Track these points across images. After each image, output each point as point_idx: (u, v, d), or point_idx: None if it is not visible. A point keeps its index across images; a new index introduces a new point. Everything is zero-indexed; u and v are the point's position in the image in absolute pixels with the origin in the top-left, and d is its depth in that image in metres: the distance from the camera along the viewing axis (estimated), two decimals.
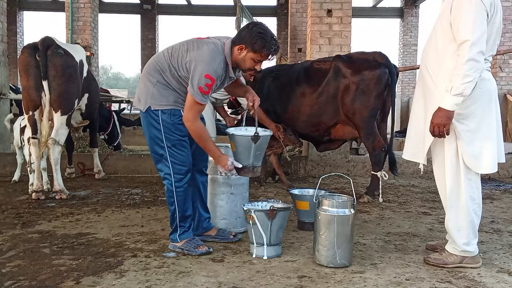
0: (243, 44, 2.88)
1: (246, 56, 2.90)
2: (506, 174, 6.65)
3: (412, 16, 16.32)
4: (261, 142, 3.02)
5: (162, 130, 2.94)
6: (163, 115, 2.93)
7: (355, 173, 6.65)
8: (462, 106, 2.65)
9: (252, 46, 2.85)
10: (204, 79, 2.80)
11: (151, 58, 3.13)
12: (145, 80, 3.01)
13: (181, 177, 3.01)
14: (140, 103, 3.01)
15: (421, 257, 2.99)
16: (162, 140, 2.95)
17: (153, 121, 2.95)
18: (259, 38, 2.84)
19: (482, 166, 2.73)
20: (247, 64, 2.95)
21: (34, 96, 4.73)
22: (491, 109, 2.76)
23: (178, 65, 2.91)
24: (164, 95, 2.95)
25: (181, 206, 3.04)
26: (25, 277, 2.58)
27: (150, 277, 2.61)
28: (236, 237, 3.31)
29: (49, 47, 4.73)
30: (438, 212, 4.35)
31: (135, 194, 5.14)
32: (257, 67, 3.00)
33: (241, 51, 2.90)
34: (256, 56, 2.89)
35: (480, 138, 2.72)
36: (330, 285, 2.53)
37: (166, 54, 2.99)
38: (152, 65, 3.02)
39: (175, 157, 2.98)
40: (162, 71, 2.96)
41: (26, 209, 4.32)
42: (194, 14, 17.93)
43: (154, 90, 2.95)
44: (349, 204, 2.86)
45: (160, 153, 3.00)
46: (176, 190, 3.01)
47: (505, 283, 2.59)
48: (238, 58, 2.93)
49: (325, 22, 6.70)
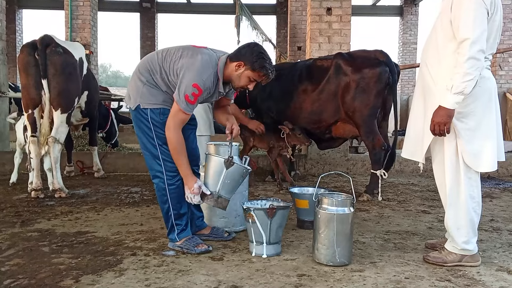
0: (242, 61, 2.89)
1: (243, 74, 2.91)
2: (505, 173, 6.66)
3: (412, 15, 16.33)
4: (234, 171, 2.94)
5: (152, 128, 2.94)
6: (152, 114, 2.93)
7: (355, 172, 6.65)
8: (462, 104, 2.65)
9: (252, 65, 2.87)
10: (191, 87, 2.79)
11: (145, 57, 3.11)
12: (135, 79, 3.01)
13: (173, 175, 3.00)
14: (130, 100, 3.01)
15: (421, 256, 2.99)
16: (153, 138, 2.96)
17: (143, 119, 2.95)
18: (260, 58, 2.87)
19: (482, 165, 2.73)
20: (242, 82, 2.95)
21: (33, 94, 4.72)
22: (491, 107, 2.75)
23: (169, 70, 2.91)
24: (153, 94, 2.95)
25: (174, 204, 3.03)
26: (24, 276, 2.58)
27: (150, 275, 2.61)
28: (230, 236, 3.31)
29: (48, 45, 4.72)
30: (438, 210, 4.35)
31: (134, 192, 5.14)
32: (250, 86, 3.00)
33: (238, 68, 2.91)
34: (253, 75, 2.91)
35: (480, 136, 2.72)
36: (329, 283, 2.52)
37: (159, 56, 2.97)
38: (144, 65, 3.01)
39: (166, 155, 2.96)
40: (153, 72, 2.95)
41: (25, 207, 4.31)
42: (193, 12, 17.93)
43: (144, 89, 2.95)
44: (349, 203, 2.86)
45: (151, 151, 2.99)
46: (169, 188, 3.00)
47: (504, 281, 2.59)
48: (233, 74, 2.93)
49: (325, 20, 6.70)
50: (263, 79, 2.95)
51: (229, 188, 2.99)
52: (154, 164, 3.01)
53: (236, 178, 3.00)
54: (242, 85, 2.99)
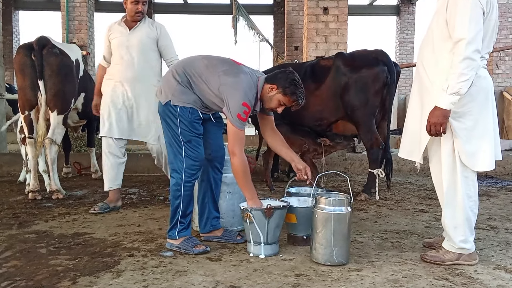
0: (275, 84, 3.03)
1: (274, 96, 3.04)
2: (503, 171, 6.68)
3: (409, 14, 16.33)
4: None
5: (179, 125, 3.01)
6: (182, 111, 3.01)
7: (352, 171, 6.66)
8: (459, 104, 2.65)
9: (284, 90, 3.01)
10: (242, 106, 2.92)
11: (184, 59, 3.22)
12: (169, 76, 3.11)
13: (192, 173, 3.06)
14: (161, 95, 3.09)
15: (418, 255, 2.99)
16: (178, 135, 3.02)
17: (171, 115, 3.02)
18: (292, 85, 3.01)
19: (479, 164, 2.73)
20: (273, 104, 3.08)
21: (30, 95, 4.71)
22: (488, 107, 2.76)
23: (210, 81, 3.01)
24: (185, 93, 3.03)
25: (185, 202, 3.07)
26: (22, 278, 2.57)
27: (147, 276, 2.61)
28: (242, 239, 3.28)
29: (44, 46, 4.71)
30: (435, 209, 4.36)
31: (132, 193, 5.13)
32: (279, 110, 3.12)
33: (271, 90, 3.04)
34: (284, 99, 3.04)
35: (477, 136, 2.72)
36: (327, 283, 2.52)
37: (201, 65, 3.06)
38: (182, 67, 3.09)
39: (189, 152, 3.03)
40: (190, 76, 3.04)
41: (22, 209, 4.30)
42: (190, 13, 17.86)
43: (178, 87, 3.03)
44: (346, 202, 2.86)
45: (175, 147, 3.05)
46: (184, 185, 3.04)
47: (501, 280, 2.59)
48: (266, 96, 3.07)
49: (322, 20, 6.71)
50: (292, 105, 3.06)
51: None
52: (176, 160, 3.06)
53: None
54: (272, 107, 3.11)
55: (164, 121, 3.10)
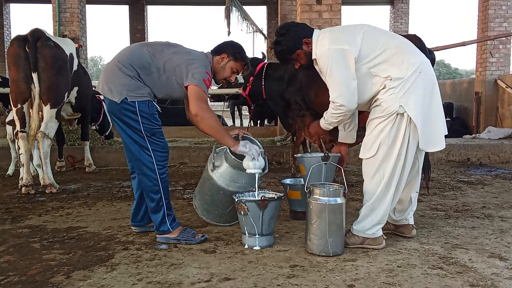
0: (225, 53, 3.17)
1: (226, 65, 3.19)
2: (497, 160, 6.67)
3: (403, 3, 16.24)
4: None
5: (140, 121, 2.95)
6: (141, 106, 2.94)
7: (347, 161, 6.63)
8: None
9: (234, 55, 3.18)
10: (205, 74, 3.00)
11: (126, 51, 3.09)
12: (117, 71, 2.97)
13: (163, 164, 3.06)
14: (113, 93, 2.95)
15: (413, 244, 3.01)
16: (141, 130, 2.96)
17: (129, 112, 2.94)
18: (241, 50, 3.22)
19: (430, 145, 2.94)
20: (226, 73, 3.21)
21: (23, 88, 4.67)
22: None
23: (164, 67, 3.00)
24: (140, 87, 2.97)
25: (166, 193, 3.07)
26: (15, 273, 2.55)
27: (142, 269, 2.60)
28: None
29: (39, 38, 4.67)
30: (430, 198, 4.37)
31: (126, 187, 5.11)
32: (232, 78, 3.27)
33: (222, 60, 3.18)
34: (235, 65, 3.20)
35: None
36: (322, 273, 2.52)
37: (147, 54, 3.01)
38: (127, 59, 2.99)
39: (155, 145, 3.01)
40: (140, 69, 2.97)
41: (16, 203, 4.28)
42: (183, 4, 17.75)
43: (131, 82, 2.95)
44: (341, 193, 2.86)
45: (139, 143, 2.99)
46: (160, 177, 3.03)
47: (496, 268, 2.60)
48: (218, 66, 3.19)
49: (315, 10, 6.67)
50: (244, 70, 3.24)
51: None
52: (144, 156, 3.00)
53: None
54: (226, 76, 3.23)
55: (119, 121, 2.99)
